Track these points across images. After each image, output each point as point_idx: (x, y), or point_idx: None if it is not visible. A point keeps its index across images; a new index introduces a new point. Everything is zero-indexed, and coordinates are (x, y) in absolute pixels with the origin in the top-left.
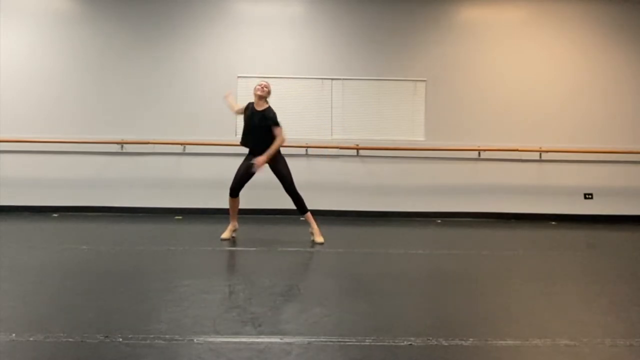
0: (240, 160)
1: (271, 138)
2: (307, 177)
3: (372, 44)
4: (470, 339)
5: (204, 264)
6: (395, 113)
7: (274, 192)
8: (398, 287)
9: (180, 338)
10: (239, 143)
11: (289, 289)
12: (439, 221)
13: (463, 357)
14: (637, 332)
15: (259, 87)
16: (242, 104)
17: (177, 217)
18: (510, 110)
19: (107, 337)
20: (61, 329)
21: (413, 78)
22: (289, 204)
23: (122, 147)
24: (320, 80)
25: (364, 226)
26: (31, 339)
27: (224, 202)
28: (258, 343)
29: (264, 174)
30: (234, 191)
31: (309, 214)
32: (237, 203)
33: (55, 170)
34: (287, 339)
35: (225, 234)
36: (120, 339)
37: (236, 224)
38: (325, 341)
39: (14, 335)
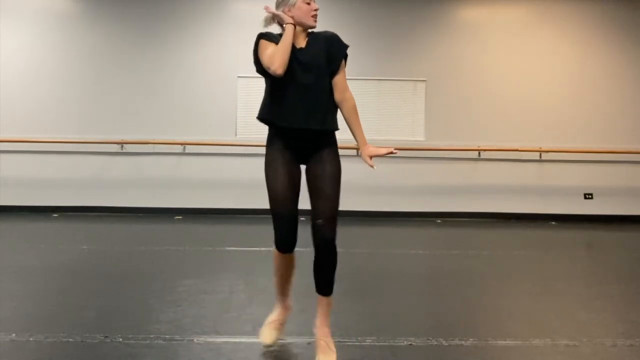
0: (240, 161)
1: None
2: None
3: (372, 44)
4: (470, 339)
5: (204, 264)
6: (395, 113)
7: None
8: (398, 287)
9: (180, 338)
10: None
11: None
12: (439, 221)
13: (463, 357)
14: (637, 332)
15: (314, 10)
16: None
17: (177, 217)
18: (510, 110)
19: (107, 337)
20: (61, 329)
21: (413, 78)
22: None
23: (122, 147)
24: None
25: (364, 226)
26: (31, 339)
27: (223, 202)
28: (258, 343)
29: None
30: (291, 242)
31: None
32: (292, 263)
33: (55, 170)
34: (287, 339)
35: (268, 335)
36: (120, 339)
37: (288, 303)
38: None
39: (14, 335)
